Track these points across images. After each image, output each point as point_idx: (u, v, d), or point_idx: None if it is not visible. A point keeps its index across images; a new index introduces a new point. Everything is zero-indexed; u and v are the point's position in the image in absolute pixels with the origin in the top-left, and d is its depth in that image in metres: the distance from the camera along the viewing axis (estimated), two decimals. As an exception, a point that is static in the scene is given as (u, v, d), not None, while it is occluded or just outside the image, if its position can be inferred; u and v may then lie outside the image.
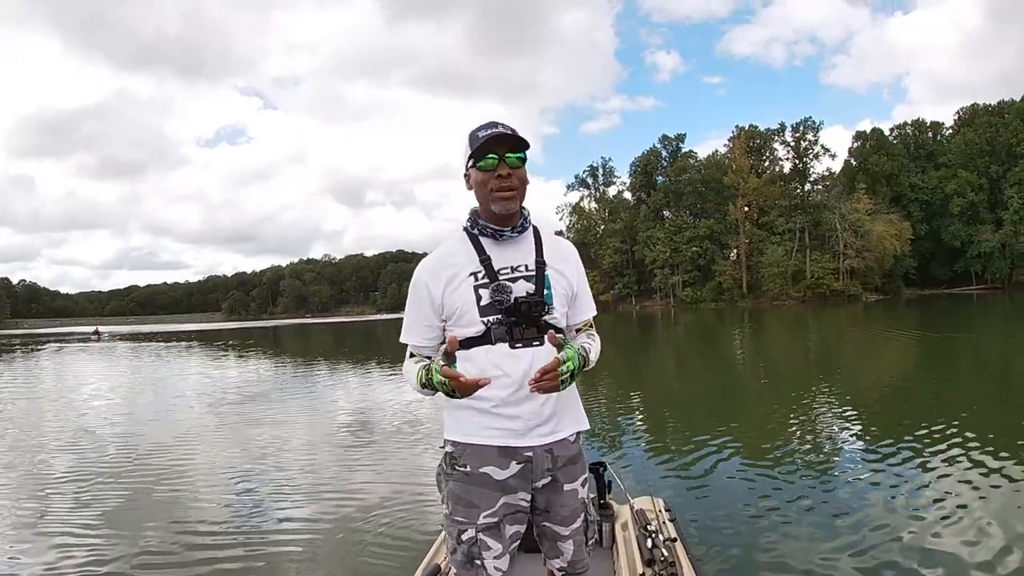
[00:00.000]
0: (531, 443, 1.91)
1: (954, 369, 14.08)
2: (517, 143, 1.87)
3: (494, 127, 1.87)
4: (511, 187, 1.87)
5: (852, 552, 4.12)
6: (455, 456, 1.95)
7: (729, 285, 74.50)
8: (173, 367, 23.19)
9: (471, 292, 1.89)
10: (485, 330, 1.87)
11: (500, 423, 1.88)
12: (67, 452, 8.49)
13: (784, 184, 77.37)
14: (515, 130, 1.88)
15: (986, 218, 69.06)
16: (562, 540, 2.03)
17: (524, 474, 1.92)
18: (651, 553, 3.09)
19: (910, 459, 6.28)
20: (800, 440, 7.57)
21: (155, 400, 13.91)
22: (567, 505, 2.00)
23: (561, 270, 1.99)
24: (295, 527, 5.18)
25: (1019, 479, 5.51)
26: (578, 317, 2.08)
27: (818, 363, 17.48)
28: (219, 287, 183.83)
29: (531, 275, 1.92)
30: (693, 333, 34.87)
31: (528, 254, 1.95)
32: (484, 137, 1.84)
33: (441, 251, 1.99)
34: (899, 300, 59.76)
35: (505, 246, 1.95)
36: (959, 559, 3.98)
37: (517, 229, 1.95)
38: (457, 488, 1.94)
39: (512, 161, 1.87)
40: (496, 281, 1.88)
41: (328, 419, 10.51)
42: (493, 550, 1.90)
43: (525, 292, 1.89)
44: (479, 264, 1.91)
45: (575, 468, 2.02)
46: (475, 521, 1.89)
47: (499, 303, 1.86)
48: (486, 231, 1.94)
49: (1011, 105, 72.36)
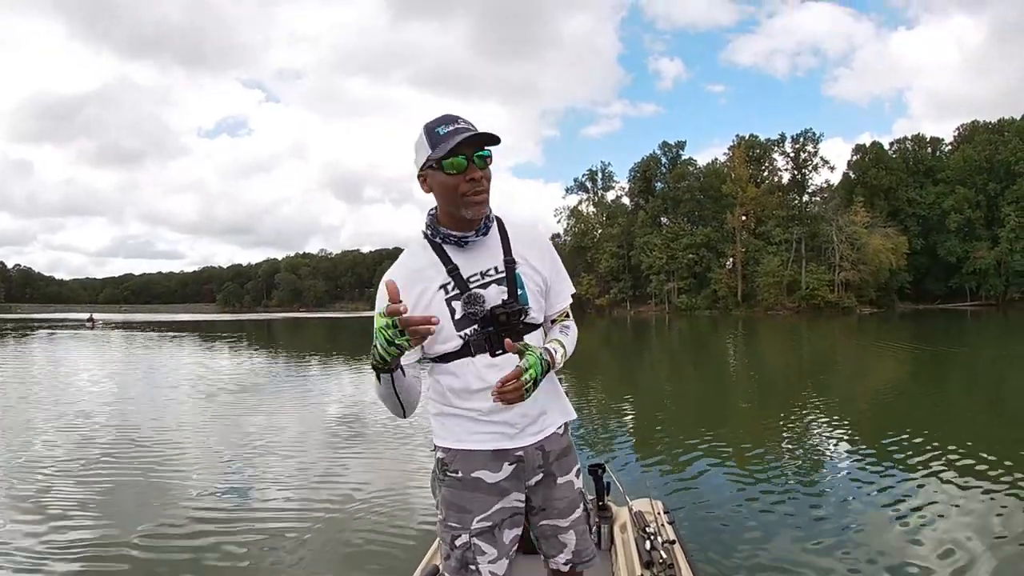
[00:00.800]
0: (522, 443, 1.87)
1: (945, 381, 14.37)
2: (486, 140, 1.73)
3: (455, 122, 1.73)
4: (483, 190, 1.76)
5: (848, 555, 4.15)
6: (446, 462, 1.89)
7: (724, 293, 74.52)
8: (165, 357, 23.07)
9: (444, 306, 1.80)
10: (463, 343, 1.80)
11: (490, 428, 1.84)
12: (56, 440, 8.44)
13: (782, 194, 77.51)
14: (474, 126, 1.75)
15: (982, 235, 69.20)
16: (563, 532, 1.98)
17: (517, 474, 1.88)
18: (649, 555, 3.08)
19: (901, 465, 6.42)
20: (796, 445, 7.66)
21: (146, 390, 13.87)
22: (564, 497, 1.96)
23: (532, 264, 1.90)
24: (291, 525, 5.12)
25: (1003, 489, 5.60)
26: (553, 308, 1.99)
27: (811, 371, 17.73)
28: (214, 278, 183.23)
29: (502, 277, 1.83)
30: (688, 339, 34.95)
31: (496, 255, 1.86)
32: (446, 135, 1.71)
33: (403, 265, 1.86)
34: (893, 314, 59.91)
35: (471, 251, 1.84)
36: (944, 567, 4.01)
37: (481, 231, 1.84)
38: (449, 494, 1.88)
39: (481, 162, 1.74)
40: (467, 291, 1.79)
41: (325, 416, 10.44)
42: (488, 555, 1.84)
43: (500, 299, 1.80)
44: (447, 275, 1.81)
45: (567, 460, 1.98)
46: (468, 526, 1.84)
47: (473, 315, 1.78)
48: (449, 238, 1.83)
49: (1011, 123, 72.56)
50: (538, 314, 1.91)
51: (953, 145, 78.28)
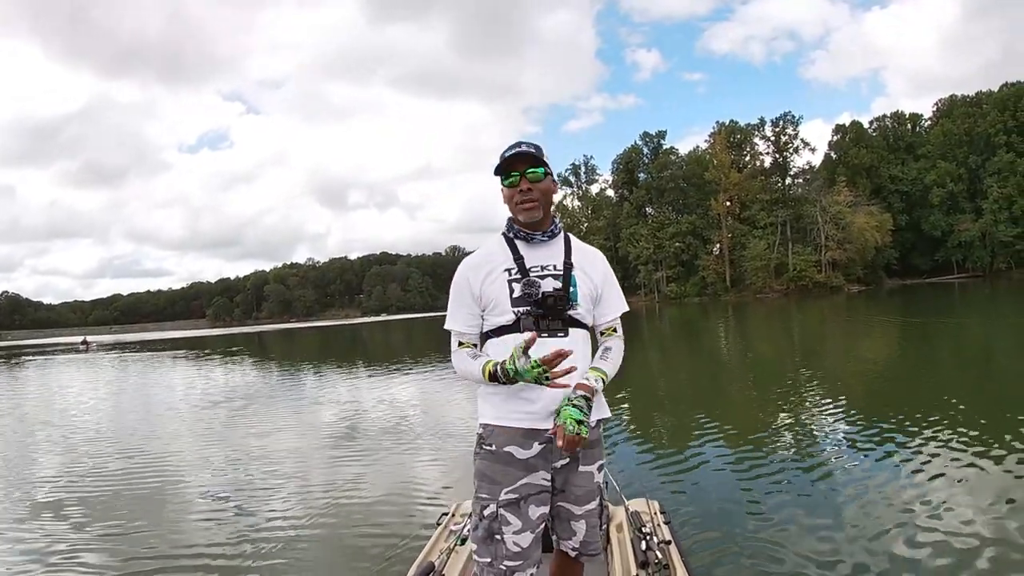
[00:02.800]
0: (552, 425, 2.03)
1: (936, 353, 14.71)
2: (536, 158, 2.11)
3: (517, 147, 2.12)
4: (532, 199, 2.11)
5: (847, 555, 4.09)
6: (483, 436, 2.14)
7: (713, 279, 74.77)
8: (163, 375, 22.88)
9: (505, 285, 2.11)
10: (515, 319, 2.09)
11: (524, 407, 2.06)
12: (58, 456, 8.54)
13: (765, 178, 77.86)
14: (539, 148, 2.14)
15: (966, 208, 69.62)
16: (575, 520, 2.19)
17: (545, 454, 2.08)
18: (645, 555, 3.09)
19: (899, 453, 6.32)
20: (793, 440, 7.55)
21: (148, 407, 13.80)
22: (582, 485, 2.16)
23: (587, 272, 2.19)
24: (286, 526, 5.14)
25: (1000, 463, 5.58)
26: (602, 317, 2.27)
27: (803, 354, 17.75)
28: (203, 294, 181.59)
29: (559, 274, 2.14)
30: (679, 328, 34.80)
31: (557, 256, 2.18)
32: (505, 156, 2.12)
33: (481, 251, 2.23)
34: (881, 290, 60.14)
35: (536, 248, 2.18)
36: (945, 554, 3.97)
37: (547, 234, 2.18)
38: (483, 466, 2.12)
39: (532, 176, 2.11)
40: (527, 276, 2.11)
41: (317, 419, 10.48)
42: (513, 525, 2.04)
43: (552, 288, 2.10)
44: (513, 262, 2.14)
45: (593, 452, 2.19)
46: (497, 497, 2.05)
47: (528, 295, 2.08)
48: (520, 235, 2.18)
49: (989, 96, 73.06)
50: (586, 315, 2.18)
51: (932, 120, 78.81)
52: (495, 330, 2.13)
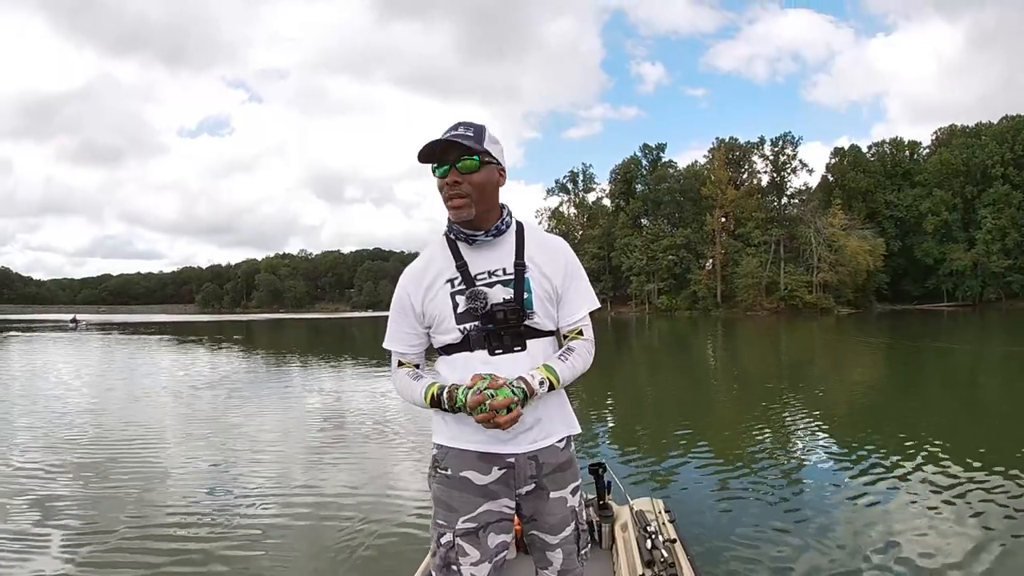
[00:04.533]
0: (514, 450, 1.85)
1: (922, 377, 15.19)
2: (470, 146, 1.74)
3: (453, 129, 1.76)
4: (460, 194, 1.77)
5: (850, 551, 4.16)
6: (438, 458, 1.92)
7: (704, 294, 74.70)
8: (153, 358, 22.90)
9: (448, 299, 1.84)
10: (463, 337, 1.83)
11: (480, 429, 1.78)
12: (38, 443, 8.38)
13: (761, 197, 77.85)
14: (481, 131, 1.78)
15: (959, 237, 69.73)
16: (550, 549, 1.95)
17: (506, 480, 1.86)
18: (651, 554, 3.09)
19: (894, 454, 6.54)
20: (793, 441, 8.04)
21: (133, 391, 13.71)
22: (555, 513, 1.92)
23: (544, 271, 1.88)
24: (284, 528, 5.06)
25: (982, 480, 5.76)
26: (566, 318, 1.95)
27: (797, 369, 18.43)
28: (193, 279, 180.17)
29: (509, 279, 1.84)
30: (672, 339, 35.19)
31: (507, 257, 1.86)
32: (432, 141, 1.75)
33: (422, 258, 1.94)
34: (871, 314, 60.06)
35: (482, 250, 1.87)
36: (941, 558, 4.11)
37: (492, 232, 1.86)
38: (438, 491, 1.90)
39: (466, 165, 1.75)
40: (472, 287, 1.82)
41: (309, 415, 10.38)
42: (471, 556, 1.83)
43: (502, 298, 1.82)
44: (455, 270, 1.84)
45: (564, 475, 1.94)
46: (453, 525, 1.84)
47: (474, 310, 1.80)
48: (461, 236, 1.86)
49: (988, 128, 73.28)
50: (545, 320, 1.89)
51: (931, 149, 78.78)
52: (443, 348, 1.89)
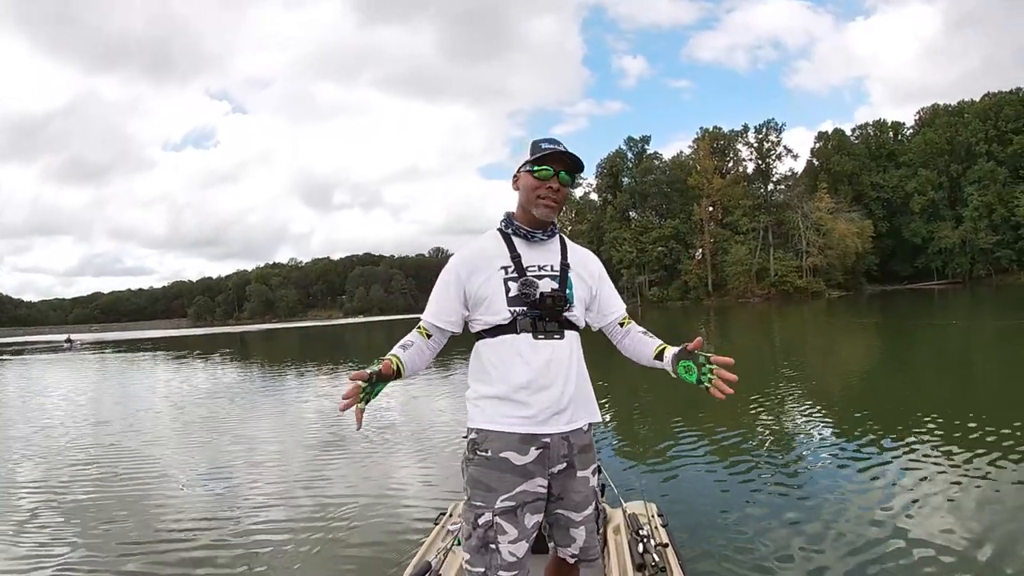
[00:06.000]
0: (549, 430, 1.98)
1: (915, 355, 15.22)
2: (574, 166, 2.05)
3: (557, 144, 2.03)
4: (557, 200, 2.05)
5: (847, 558, 4.06)
6: (477, 442, 2.01)
7: (695, 284, 74.86)
8: (149, 374, 22.47)
9: (500, 283, 2.02)
10: (512, 319, 1.99)
11: (520, 411, 1.96)
12: (39, 456, 8.32)
13: (747, 184, 77.99)
14: (576, 155, 2.03)
15: (946, 215, 70.06)
16: (575, 527, 2.08)
17: (542, 460, 1.97)
18: (642, 558, 3.08)
19: (887, 452, 6.41)
20: (786, 444, 7.73)
21: (132, 406, 13.32)
22: (580, 491, 2.06)
23: (582, 275, 2.13)
24: (279, 528, 5.03)
25: (982, 462, 5.68)
26: (611, 314, 2.23)
27: (789, 355, 18.16)
28: (184, 293, 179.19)
29: (556, 275, 2.06)
30: (666, 329, 34.76)
31: (554, 256, 2.11)
32: (547, 149, 2.01)
33: (475, 245, 2.12)
34: (861, 296, 60.21)
35: (535, 247, 2.10)
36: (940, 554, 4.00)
37: (547, 234, 2.11)
38: (477, 472, 1.99)
39: (564, 178, 2.04)
40: (524, 276, 2.02)
41: (305, 420, 10.23)
42: (509, 534, 1.93)
43: (550, 289, 2.01)
44: (510, 260, 2.05)
45: (588, 456, 2.09)
46: (492, 505, 1.94)
47: (526, 295, 1.99)
48: (519, 232, 2.09)
49: (970, 105, 73.66)
50: (580, 317, 2.12)
51: (914, 129, 79.25)
52: (490, 330, 2.02)
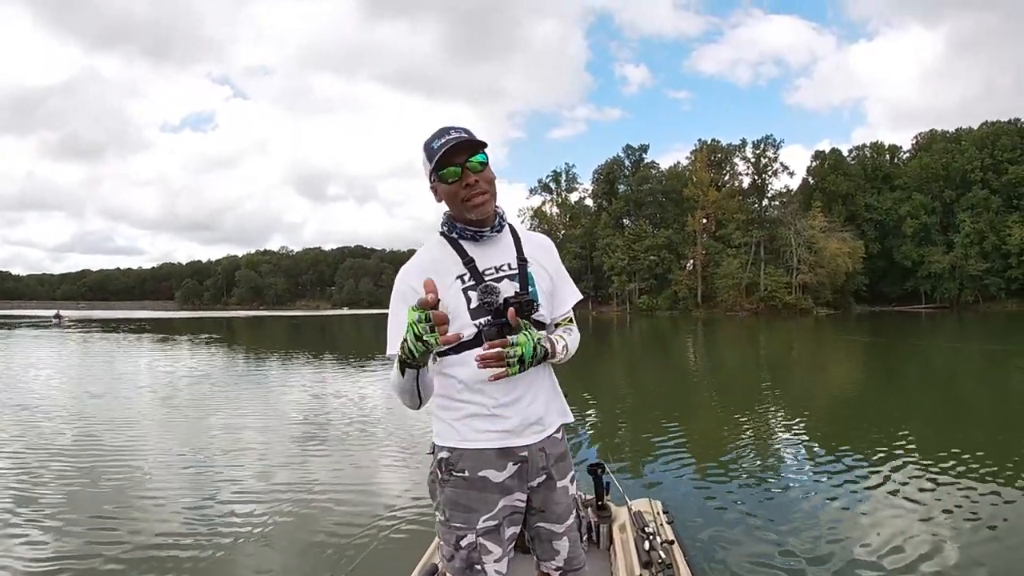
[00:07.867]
0: (526, 442, 1.88)
1: (899, 375, 15.23)
2: (475, 146, 1.80)
3: (447, 134, 1.80)
4: (482, 192, 1.83)
5: (849, 552, 4.13)
6: (451, 461, 1.89)
7: (684, 294, 74.81)
8: (138, 355, 22.60)
9: (460, 295, 1.84)
10: (477, 333, 1.82)
11: (496, 425, 1.85)
12: (17, 439, 8.32)
13: (742, 198, 78.19)
14: (469, 132, 1.81)
15: (938, 240, 70.23)
16: (557, 538, 2.00)
17: (520, 474, 1.89)
18: (648, 555, 3.08)
19: (887, 452, 6.63)
20: (790, 442, 7.87)
21: (117, 389, 13.37)
22: (561, 502, 1.98)
23: (542, 263, 1.97)
24: (281, 529, 5.00)
25: (957, 476, 5.93)
26: (558, 309, 2.03)
27: (781, 367, 18.76)
28: (173, 275, 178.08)
29: (515, 273, 1.90)
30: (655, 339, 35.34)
31: (509, 252, 1.93)
32: (440, 148, 1.78)
33: (421, 257, 1.93)
34: (849, 315, 60.34)
35: (486, 246, 1.91)
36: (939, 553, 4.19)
37: (495, 228, 1.91)
38: (455, 494, 1.88)
39: (474, 165, 1.81)
40: (483, 282, 1.85)
41: (309, 417, 10.11)
42: (493, 554, 1.85)
43: (512, 291, 1.83)
44: (463, 267, 1.87)
45: (564, 465, 2.00)
46: (475, 526, 1.85)
47: (488, 304, 1.81)
48: (465, 234, 1.89)
49: (968, 133, 73.89)
50: (546, 314, 1.95)
51: (911, 153, 79.37)
52: (453, 348, 1.82)
